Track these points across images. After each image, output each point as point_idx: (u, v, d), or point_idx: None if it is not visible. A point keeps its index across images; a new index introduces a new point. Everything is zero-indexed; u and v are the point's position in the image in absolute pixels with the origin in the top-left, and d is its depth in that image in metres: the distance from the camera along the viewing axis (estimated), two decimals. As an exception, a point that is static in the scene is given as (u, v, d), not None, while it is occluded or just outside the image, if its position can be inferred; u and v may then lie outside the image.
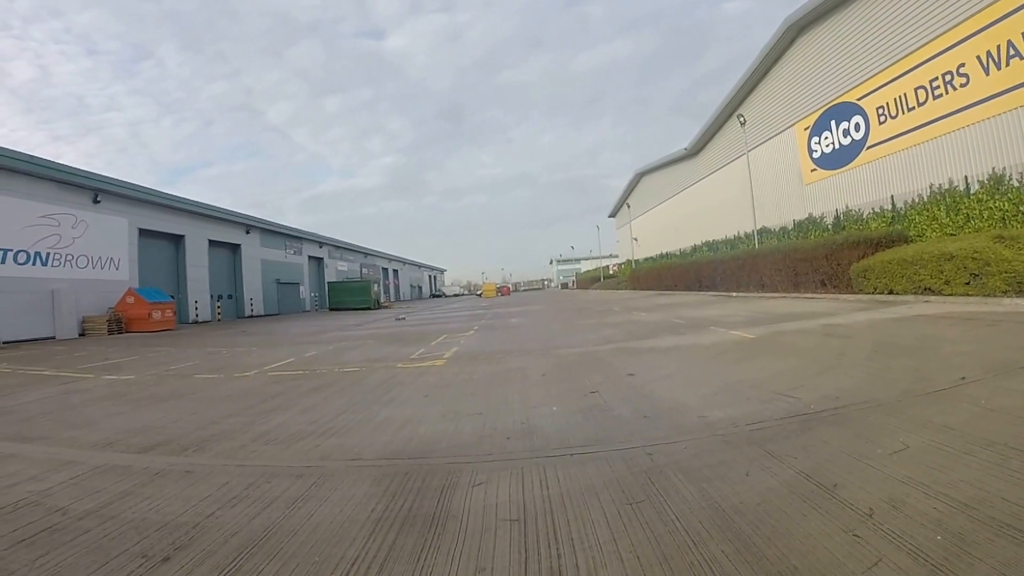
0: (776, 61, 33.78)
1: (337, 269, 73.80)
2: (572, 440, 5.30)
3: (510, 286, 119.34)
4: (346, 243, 78.44)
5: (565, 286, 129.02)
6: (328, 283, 65.97)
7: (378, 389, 8.58)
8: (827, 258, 22.11)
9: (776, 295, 24.83)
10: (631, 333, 14.69)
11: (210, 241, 47.37)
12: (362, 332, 22.08)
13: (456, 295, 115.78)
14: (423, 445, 5.32)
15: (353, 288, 61.29)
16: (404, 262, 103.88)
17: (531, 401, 6.95)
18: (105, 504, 4.46)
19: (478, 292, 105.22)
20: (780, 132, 34.72)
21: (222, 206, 49.17)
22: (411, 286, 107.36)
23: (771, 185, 35.74)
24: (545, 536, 3.26)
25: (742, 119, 34.79)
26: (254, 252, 54.25)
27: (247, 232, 53.00)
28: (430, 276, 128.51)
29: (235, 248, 52.05)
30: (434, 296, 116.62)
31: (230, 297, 50.73)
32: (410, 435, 5.74)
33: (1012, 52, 18.44)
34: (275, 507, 3.96)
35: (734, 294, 29.10)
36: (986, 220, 18.29)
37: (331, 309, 60.08)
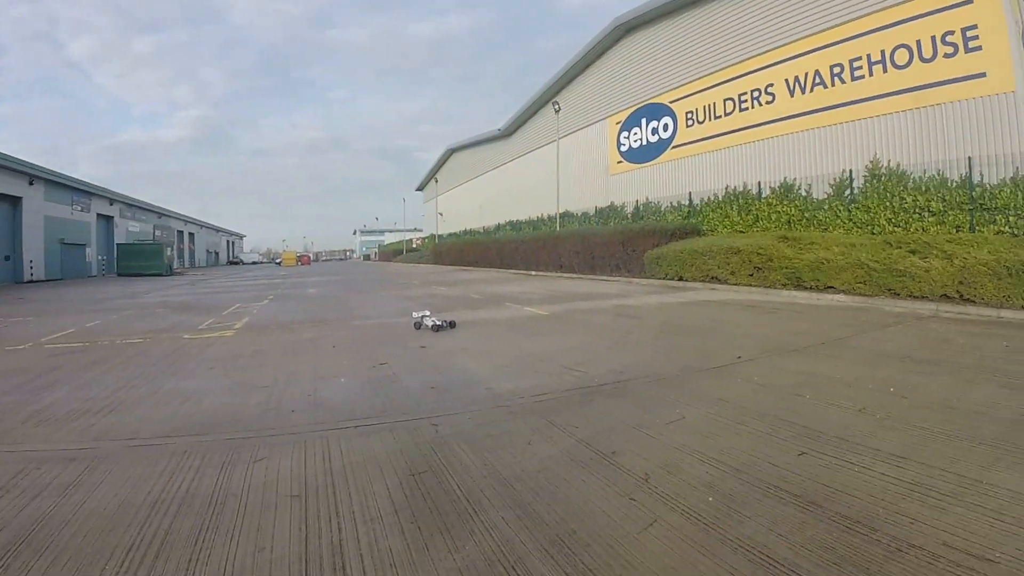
0: (600, 56, 35.66)
1: (128, 230, 65.62)
2: (358, 412, 5.37)
3: (311, 255, 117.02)
4: (139, 201, 70.12)
5: (367, 258, 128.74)
6: (117, 245, 58.52)
7: (162, 362, 8.43)
8: (624, 244, 24.16)
9: (574, 276, 26.70)
10: (429, 306, 14.82)
11: (-17, 192, 39.60)
12: (151, 300, 21.36)
13: (254, 263, 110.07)
14: (205, 420, 5.28)
15: (145, 251, 55.09)
16: (201, 225, 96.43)
17: (320, 373, 7.10)
18: None
19: (277, 260, 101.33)
20: (593, 123, 36.77)
21: (3, 151, 40.96)
22: (207, 251, 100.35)
23: (578, 172, 37.78)
24: (326, 511, 3.32)
25: (558, 107, 36.64)
26: (37, 207, 45.60)
27: (30, 183, 44.51)
28: (228, 241, 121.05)
29: (15, 202, 43.44)
30: (231, 263, 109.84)
31: (7, 259, 42.50)
32: (192, 410, 5.68)
33: (817, 81, 21.40)
34: (46, 496, 3.75)
35: (533, 273, 30.91)
36: (773, 222, 20.91)
37: (120, 274, 53.42)
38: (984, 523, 3.15)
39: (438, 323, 10.31)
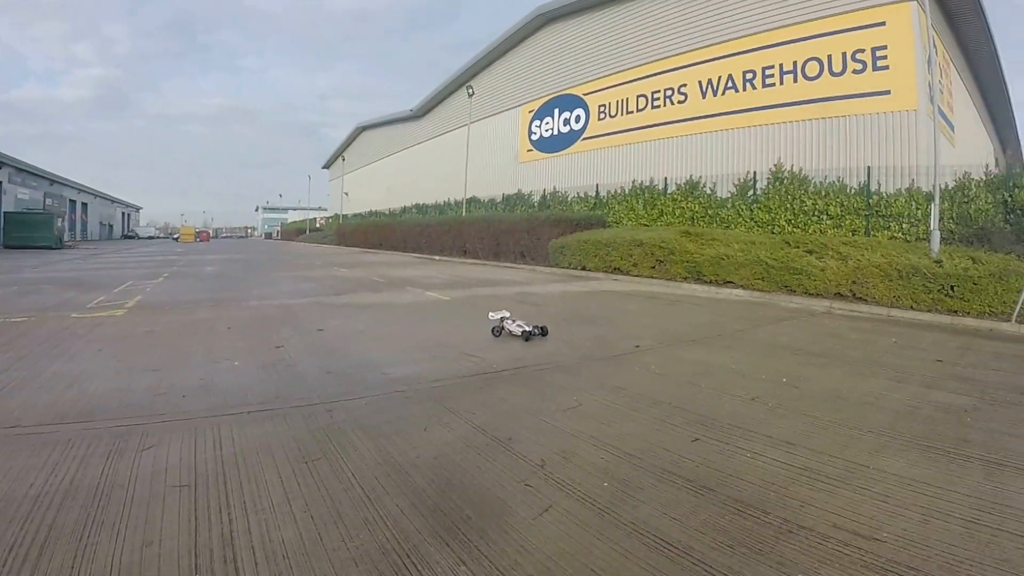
0: (519, 43, 36.13)
1: (17, 196, 60.10)
2: (251, 397, 5.20)
3: (210, 232, 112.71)
4: (30, 166, 64.36)
5: (269, 236, 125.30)
6: (5, 214, 53.53)
7: (47, 343, 7.78)
8: (529, 232, 24.48)
9: (478, 262, 26.99)
10: (329, 288, 14.95)
11: None
12: (38, 275, 19.75)
13: (151, 237, 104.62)
14: (92, 406, 4.97)
15: (34, 221, 50.59)
16: (96, 195, 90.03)
17: (214, 356, 6.89)
18: None
19: (175, 236, 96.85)
20: (507, 110, 37.24)
21: None
22: (101, 223, 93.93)
23: (488, 158, 37.91)
24: (217, 501, 3.22)
25: (471, 91, 36.26)
26: (-87, 169, 41.12)
27: (-94, 141, 39.95)
28: (124, 214, 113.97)
29: None
30: (126, 237, 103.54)
31: None
32: (78, 395, 5.33)
33: (730, 85, 22.50)
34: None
35: (437, 258, 31.10)
36: (677, 217, 21.44)
37: (6, 246, 48.92)
38: (871, 506, 3.26)
39: (527, 329, 7.99)
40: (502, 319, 8.21)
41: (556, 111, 32.28)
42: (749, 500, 3.29)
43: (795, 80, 20.09)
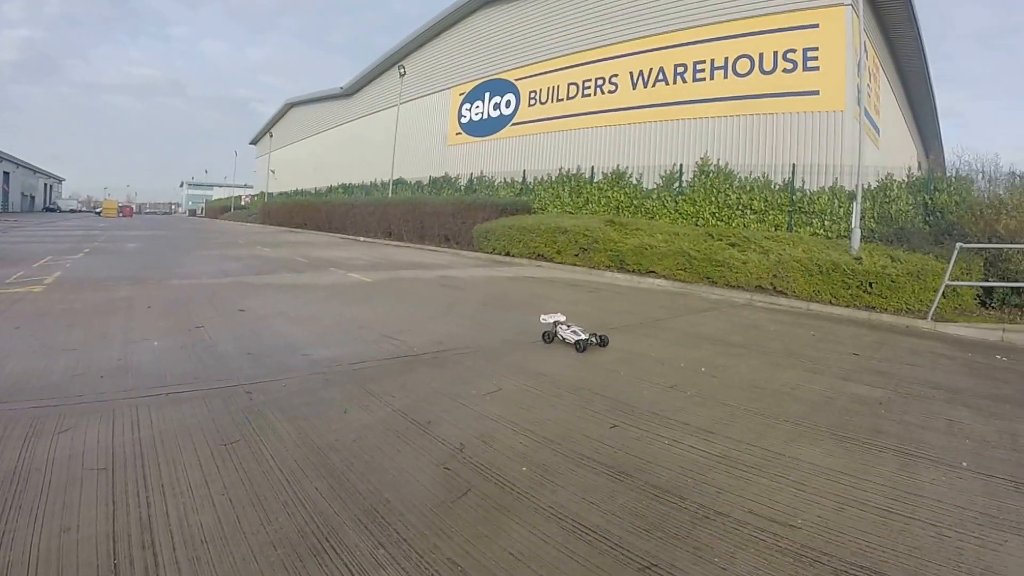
0: (454, 24, 36.05)
1: None
2: (170, 378, 5.11)
3: (134, 207, 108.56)
4: None
5: (193, 213, 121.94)
6: None
7: None
8: (455, 216, 24.48)
9: (402, 244, 27.00)
10: (251, 268, 14.72)
11: None
12: None
13: (73, 211, 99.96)
14: (7, 386, 4.82)
15: None
16: (17, 163, 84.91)
17: (133, 335, 6.74)
18: None
19: (98, 210, 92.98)
20: (437, 91, 38.08)
21: None
22: (23, 194, 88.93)
23: (416, 140, 39.00)
24: (134, 484, 3.18)
25: (403, 71, 36.13)
26: None
27: None
28: (46, 185, 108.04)
29: None
30: (48, 209, 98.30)
31: None
32: None
33: (660, 77, 22.96)
34: None
35: (362, 239, 31.01)
36: (603, 206, 21.69)
37: None
38: (787, 493, 3.36)
39: (582, 337, 6.84)
40: (555, 324, 7.18)
41: (487, 95, 32.24)
42: (667, 486, 3.35)
43: (725, 76, 20.58)
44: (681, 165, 20.11)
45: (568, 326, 7.09)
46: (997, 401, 5.51)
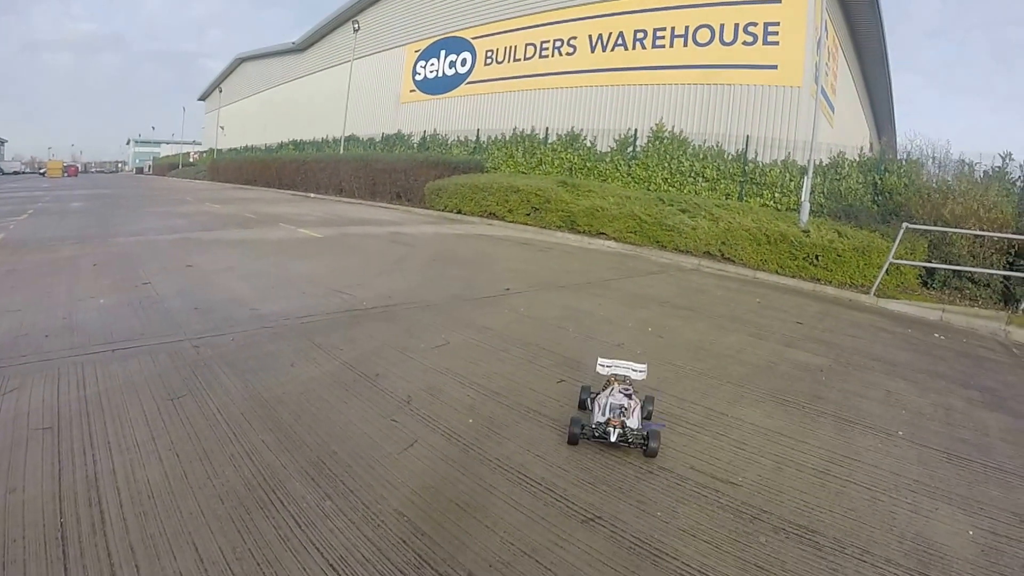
0: None
1: None
2: (116, 335, 5.02)
3: (79, 166, 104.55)
4: None
5: (141, 171, 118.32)
6: None
7: None
8: (406, 173, 24.13)
9: (353, 201, 26.27)
10: (199, 224, 14.38)
11: None
12: None
13: (16, 172, 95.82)
14: None
15: None
16: None
17: (78, 294, 6.64)
18: None
19: (42, 171, 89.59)
20: (392, 48, 37.09)
21: None
22: None
23: (370, 96, 38.10)
24: (80, 442, 3.14)
25: (357, 26, 34.93)
26: None
27: None
28: None
29: None
30: None
31: None
32: None
33: (619, 42, 22.42)
34: None
35: (313, 196, 30.33)
36: (556, 167, 21.32)
37: None
38: (728, 451, 3.42)
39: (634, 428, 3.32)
40: (612, 378, 3.78)
41: (443, 53, 31.71)
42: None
43: (685, 44, 20.45)
44: (636, 130, 20.10)
45: (623, 384, 3.69)
46: (933, 376, 5.67)
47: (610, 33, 22.83)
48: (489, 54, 28.45)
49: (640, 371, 3.85)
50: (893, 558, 2.54)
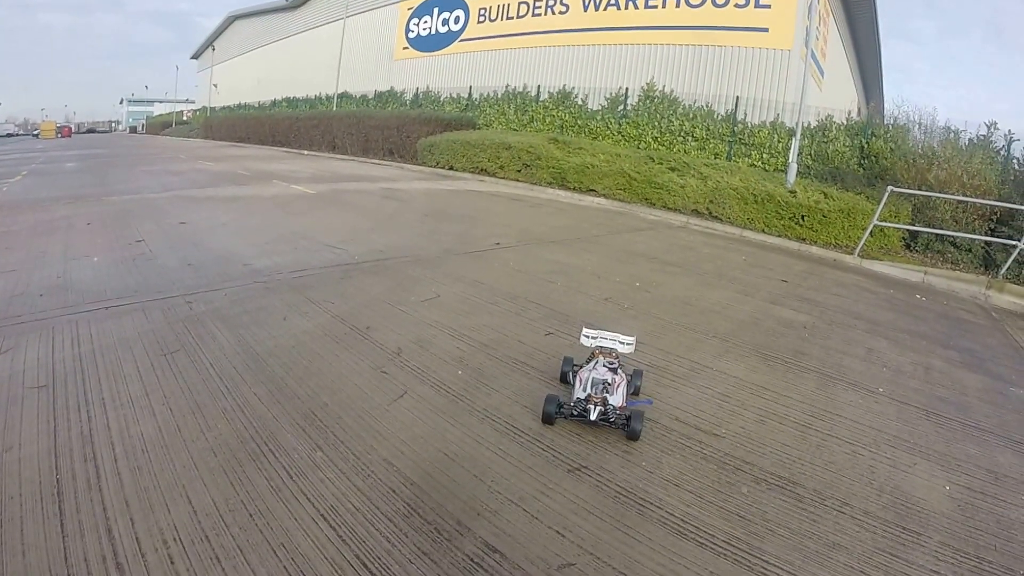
0: None
1: None
2: (110, 292, 4.95)
3: (72, 127, 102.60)
4: None
5: (134, 130, 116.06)
6: None
7: None
8: (399, 129, 23.67)
9: (346, 158, 25.80)
10: (193, 182, 14.15)
11: None
12: None
13: (9, 135, 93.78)
14: None
15: None
16: None
17: (72, 253, 6.54)
18: None
19: (35, 132, 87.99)
20: (385, 6, 36.44)
21: None
22: None
23: (362, 53, 37.46)
24: (75, 399, 3.12)
25: (350, -18, 34.24)
26: None
27: None
28: None
29: None
30: None
31: None
32: None
33: (612, 1, 21.98)
34: None
35: (306, 152, 29.52)
36: (547, 124, 20.93)
37: None
38: (712, 404, 3.42)
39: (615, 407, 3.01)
40: (598, 350, 3.48)
41: (436, 10, 31.18)
42: (598, 393, 3.34)
43: (678, 5, 20.09)
44: (627, 89, 19.86)
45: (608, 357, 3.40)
46: (914, 336, 5.69)
47: (603, -10, 22.32)
48: (483, 12, 27.97)
49: (628, 343, 3.51)
50: (872, 511, 2.56)
